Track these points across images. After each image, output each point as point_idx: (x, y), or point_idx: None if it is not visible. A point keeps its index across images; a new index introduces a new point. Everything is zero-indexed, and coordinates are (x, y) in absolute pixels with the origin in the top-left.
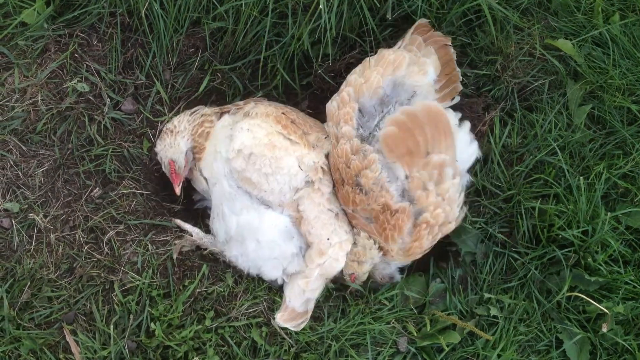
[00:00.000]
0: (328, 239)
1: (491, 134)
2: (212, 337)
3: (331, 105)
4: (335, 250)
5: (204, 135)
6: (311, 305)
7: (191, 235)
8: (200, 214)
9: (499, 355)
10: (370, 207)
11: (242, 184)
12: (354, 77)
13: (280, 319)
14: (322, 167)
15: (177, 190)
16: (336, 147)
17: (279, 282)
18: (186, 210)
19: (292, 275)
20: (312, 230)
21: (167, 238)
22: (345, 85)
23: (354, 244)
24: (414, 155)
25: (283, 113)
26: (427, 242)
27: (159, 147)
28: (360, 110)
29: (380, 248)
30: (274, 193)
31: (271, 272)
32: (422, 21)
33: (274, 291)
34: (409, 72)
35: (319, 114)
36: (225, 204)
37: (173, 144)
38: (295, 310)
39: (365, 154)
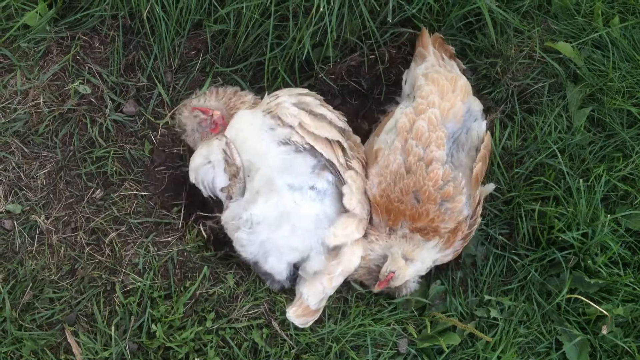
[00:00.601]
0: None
1: (491, 136)
2: (213, 338)
3: (419, 125)
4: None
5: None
6: (323, 304)
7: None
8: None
9: (499, 357)
10: (445, 225)
11: (309, 136)
12: (435, 98)
13: (293, 314)
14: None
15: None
16: (424, 169)
17: (278, 277)
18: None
19: (313, 274)
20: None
21: (169, 239)
22: (427, 106)
23: (406, 243)
24: (482, 180)
25: None
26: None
27: (184, 114)
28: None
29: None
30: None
31: (276, 265)
32: (424, 31)
33: (275, 292)
34: (473, 97)
35: None
36: (280, 177)
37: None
38: (309, 307)
39: (456, 183)
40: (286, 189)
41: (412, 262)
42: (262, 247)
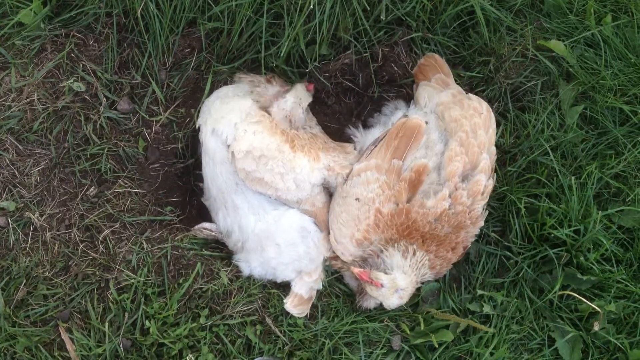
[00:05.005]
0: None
1: None
2: (206, 335)
3: (478, 179)
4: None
5: None
6: (314, 293)
7: (211, 231)
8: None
9: (491, 353)
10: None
11: (252, 184)
12: (483, 135)
13: (290, 305)
14: (337, 170)
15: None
16: (468, 212)
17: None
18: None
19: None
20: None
21: (163, 236)
22: (479, 148)
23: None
24: None
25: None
26: None
27: None
28: None
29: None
30: (291, 191)
31: (290, 275)
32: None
33: (269, 288)
34: None
35: (314, 115)
36: (235, 196)
37: None
38: (303, 297)
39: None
40: (249, 211)
41: (400, 298)
42: (262, 269)
